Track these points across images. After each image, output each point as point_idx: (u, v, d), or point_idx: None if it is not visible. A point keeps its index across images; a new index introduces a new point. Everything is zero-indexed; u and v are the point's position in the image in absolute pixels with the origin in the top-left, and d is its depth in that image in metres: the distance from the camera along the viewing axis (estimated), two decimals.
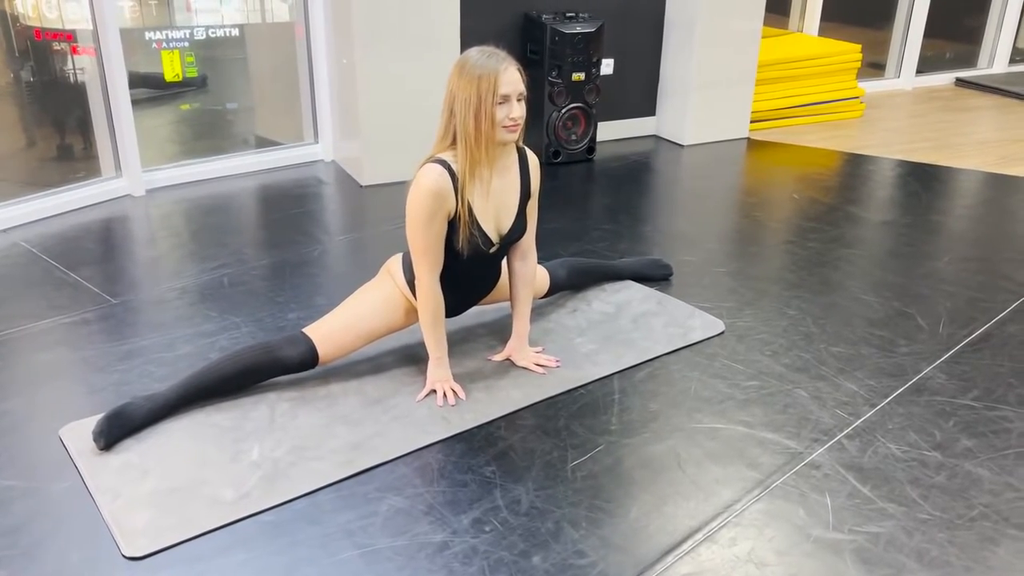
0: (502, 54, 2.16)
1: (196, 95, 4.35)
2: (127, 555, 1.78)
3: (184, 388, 2.23)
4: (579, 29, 4.28)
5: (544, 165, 4.46)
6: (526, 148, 2.38)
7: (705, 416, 2.30)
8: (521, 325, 2.51)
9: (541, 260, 2.78)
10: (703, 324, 2.79)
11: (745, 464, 2.12)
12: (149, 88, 4.68)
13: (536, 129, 4.47)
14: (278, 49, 4.42)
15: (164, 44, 3.99)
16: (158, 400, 2.19)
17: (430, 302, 2.27)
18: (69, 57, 3.78)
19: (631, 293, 2.99)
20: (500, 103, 2.12)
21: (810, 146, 4.94)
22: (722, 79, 4.85)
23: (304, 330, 2.34)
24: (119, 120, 3.74)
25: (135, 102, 3.85)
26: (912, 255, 3.40)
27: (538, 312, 2.82)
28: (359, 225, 3.68)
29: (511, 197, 2.32)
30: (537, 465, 2.09)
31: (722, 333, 2.75)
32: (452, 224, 2.22)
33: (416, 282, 2.27)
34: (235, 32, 4.19)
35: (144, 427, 2.16)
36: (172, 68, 4.06)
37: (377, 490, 2.00)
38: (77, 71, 3.81)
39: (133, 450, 2.10)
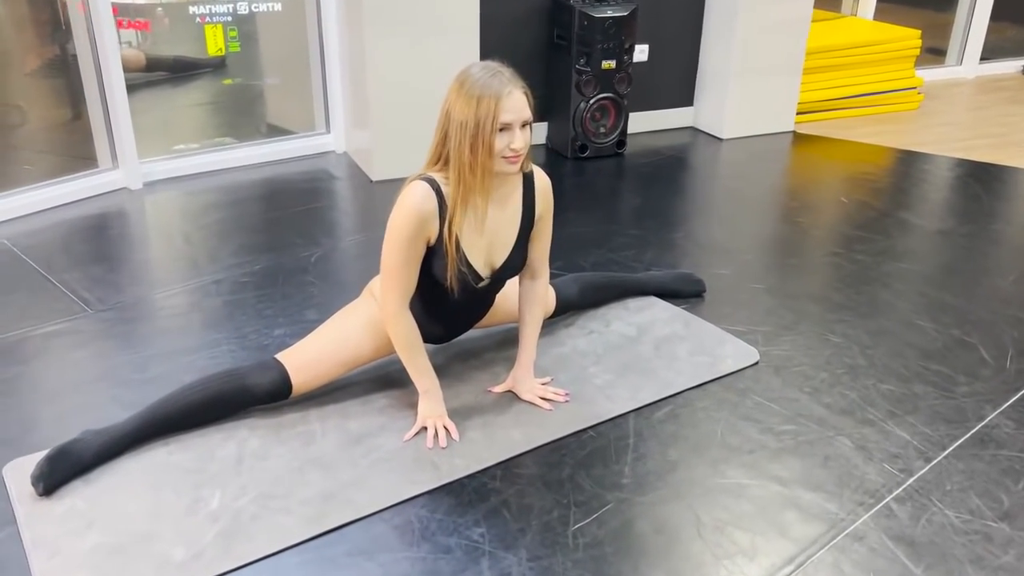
0: (508, 73, 1.88)
1: (237, 71, 4.20)
2: None
3: (142, 421, 1.99)
4: (610, 13, 3.95)
5: (570, 160, 4.18)
6: (535, 169, 2.10)
7: (732, 468, 2.01)
8: (527, 353, 2.23)
9: (552, 273, 2.50)
10: (735, 352, 2.48)
11: (776, 531, 1.83)
12: (167, 71, 4.48)
13: (562, 121, 4.16)
14: (293, 31, 4.16)
15: (208, 18, 3.88)
16: (111, 435, 1.95)
17: (400, 330, 2.02)
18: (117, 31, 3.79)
19: (656, 313, 2.68)
20: (501, 130, 1.85)
21: (861, 141, 4.55)
22: (766, 67, 4.48)
23: (277, 356, 2.08)
24: (114, 107, 3.51)
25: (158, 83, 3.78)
26: (973, 272, 3.04)
27: (550, 332, 2.54)
28: (365, 226, 3.41)
29: (508, 230, 2.06)
30: (534, 527, 1.82)
31: (756, 363, 2.44)
32: (433, 250, 1.96)
33: (381, 306, 2.01)
34: (278, 7, 4.01)
35: (95, 466, 1.93)
36: (215, 42, 3.93)
37: (347, 554, 1.74)
38: (123, 44, 3.75)
39: (81, 494, 1.87)
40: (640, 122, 4.52)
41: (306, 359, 2.07)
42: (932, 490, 1.95)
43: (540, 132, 4.37)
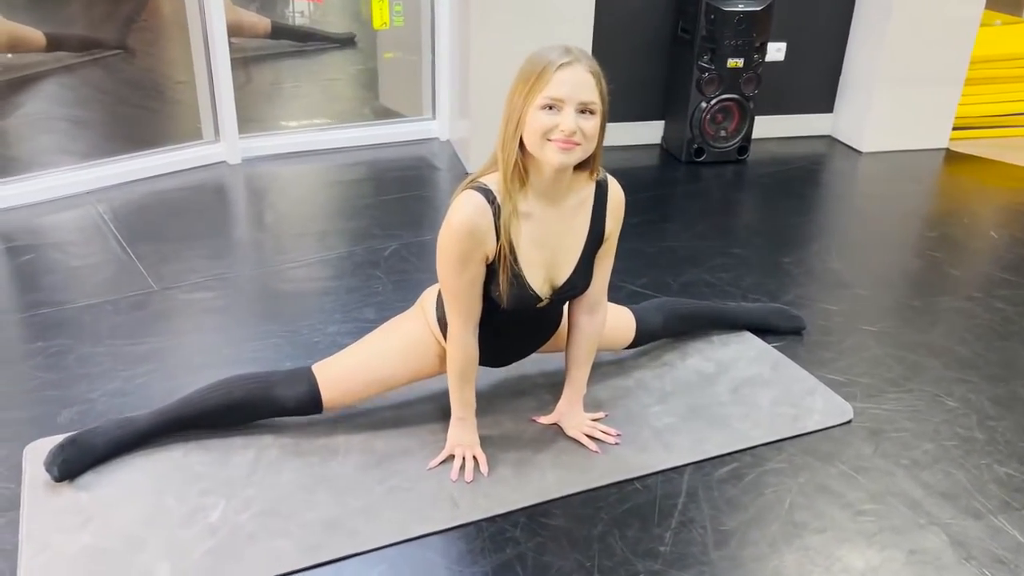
0: (575, 51, 1.61)
1: (367, 47, 4.20)
2: None
3: (161, 419, 1.90)
4: (742, 7, 3.59)
5: (684, 164, 3.87)
6: (609, 178, 1.84)
7: (792, 552, 1.71)
8: (575, 387, 2.00)
9: (622, 302, 2.26)
10: (825, 407, 2.16)
11: None
12: (293, 41, 4.50)
13: (679, 121, 3.85)
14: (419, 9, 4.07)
15: None
16: (128, 428, 1.88)
17: (459, 356, 1.81)
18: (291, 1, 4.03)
19: (742, 349, 2.38)
20: (548, 107, 1.59)
21: None
22: (921, 74, 3.99)
23: (314, 366, 1.94)
24: (218, 81, 3.50)
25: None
26: None
27: (617, 359, 2.30)
28: None
29: (573, 243, 1.79)
30: None
31: (848, 422, 2.11)
32: (492, 269, 1.73)
33: (448, 330, 1.82)
34: None
35: (108, 458, 1.86)
36: (381, 16, 3.91)
37: None
38: (296, 14, 3.99)
39: (87, 487, 1.80)
40: (769, 127, 4.14)
41: (340, 375, 1.91)
42: None
43: (656, 131, 4.07)
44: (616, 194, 1.84)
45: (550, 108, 1.59)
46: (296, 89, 4.31)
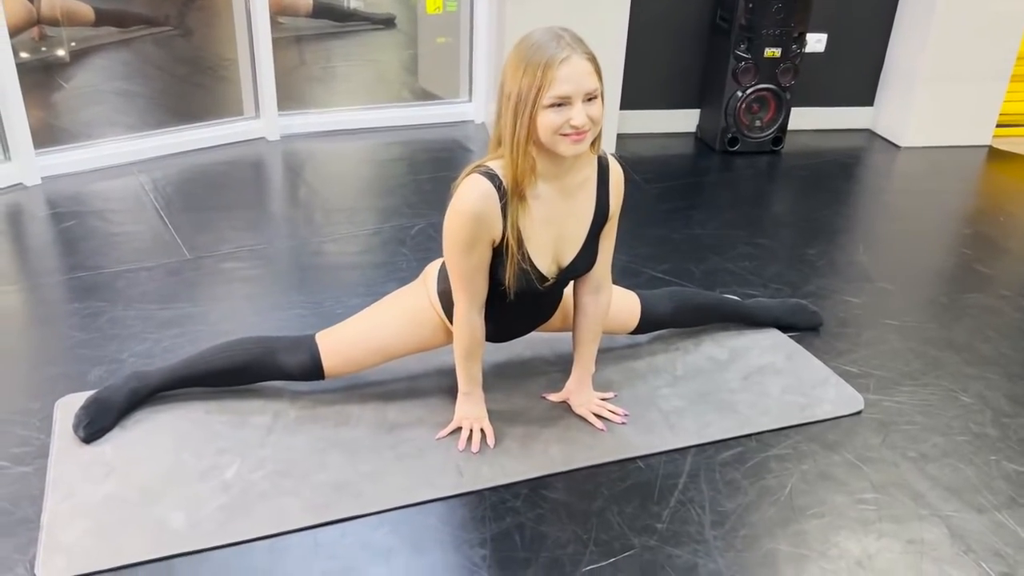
0: (569, 37, 1.62)
1: (435, 30, 4.25)
2: (37, 575, 1.56)
3: (172, 374, 1.98)
4: None
5: (718, 153, 3.86)
6: (609, 156, 1.86)
7: (788, 534, 1.73)
8: (583, 366, 2.03)
9: (642, 287, 2.28)
10: (837, 397, 2.16)
11: None
12: (334, 21, 4.58)
13: (714, 110, 3.84)
14: None
15: None
16: (144, 380, 1.97)
17: (465, 336, 1.86)
18: None
19: (757, 337, 2.39)
20: (556, 105, 1.61)
21: None
22: (966, 69, 3.92)
23: (317, 335, 2.01)
24: (259, 58, 3.59)
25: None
26: None
27: (631, 340, 2.32)
28: None
29: (580, 222, 1.82)
30: (541, 561, 1.65)
31: (858, 413, 2.12)
32: (498, 251, 1.77)
33: (454, 309, 1.86)
34: None
35: (130, 411, 1.95)
36: (434, 1, 3.98)
37: (338, 553, 1.64)
38: None
39: (112, 440, 1.89)
40: (807, 118, 4.10)
41: (341, 343, 1.98)
42: None
43: (691, 120, 4.06)
44: (616, 172, 1.87)
45: (558, 106, 1.61)
46: (335, 69, 4.39)
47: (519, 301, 1.87)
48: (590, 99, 1.63)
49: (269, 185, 3.42)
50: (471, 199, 1.70)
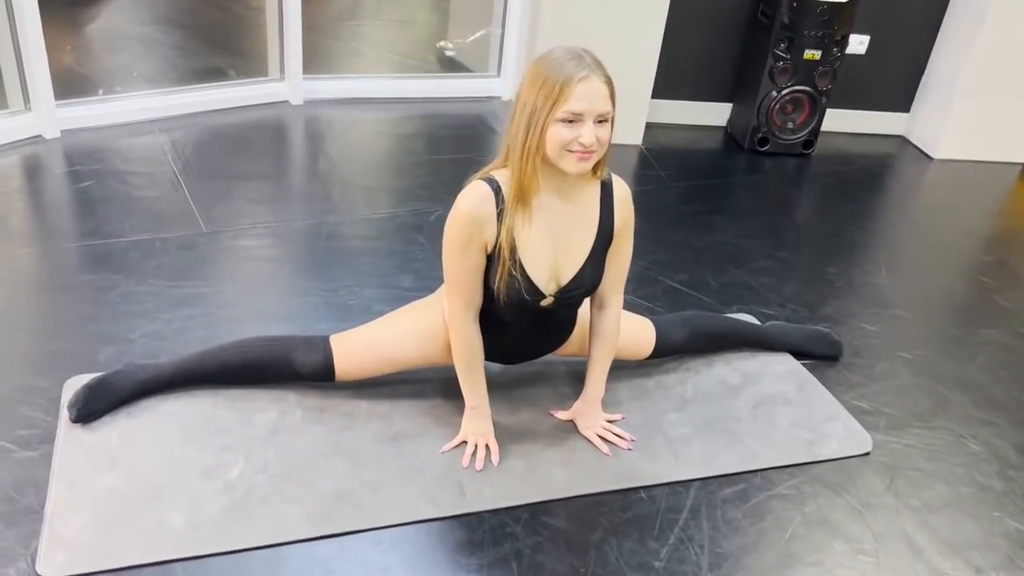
0: (589, 59, 1.63)
1: None
2: (39, 572, 1.58)
3: (183, 369, 1.98)
4: None
5: (746, 152, 3.79)
6: (614, 177, 1.85)
7: None
8: (594, 389, 2.02)
9: (658, 298, 2.26)
10: (845, 434, 2.15)
11: None
12: None
13: (747, 107, 3.76)
14: None
15: None
16: (151, 373, 1.96)
17: (461, 343, 1.86)
18: None
19: (770, 362, 2.37)
20: (568, 121, 1.61)
21: None
22: (1008, 83, 3.81)
23: (331, 337, 2.00)
24: (287, 19, 3.51)
25: None
26: None
27: (641, 366, 2.29)
28: None
29: (580, 240, 1.81)
30: None
31: (866, 455, 2.10)
32: (490, 257, 1.77)
33: (447, 315, 1.85)
34: None
35: (133, 400, 1.95)
36: None
37: (336, 568, 1.65)
38: None
39: (119, 428, 1.89)
40: (839, 120, 4.01)
41: (355, 349, 1.97)
42: None
43: (722, 114, 3.98)
44: (621, 190, 1.86)
45: (570, 122, 1.61)
46: (362, 28, 4.30)
47: (521, 320, 1.86)
48: (601, 121, 1.64)
49: (289, 154, 3.38)
50: (469, 202, 1.73)
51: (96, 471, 1.79)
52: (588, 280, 1.85)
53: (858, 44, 3.85)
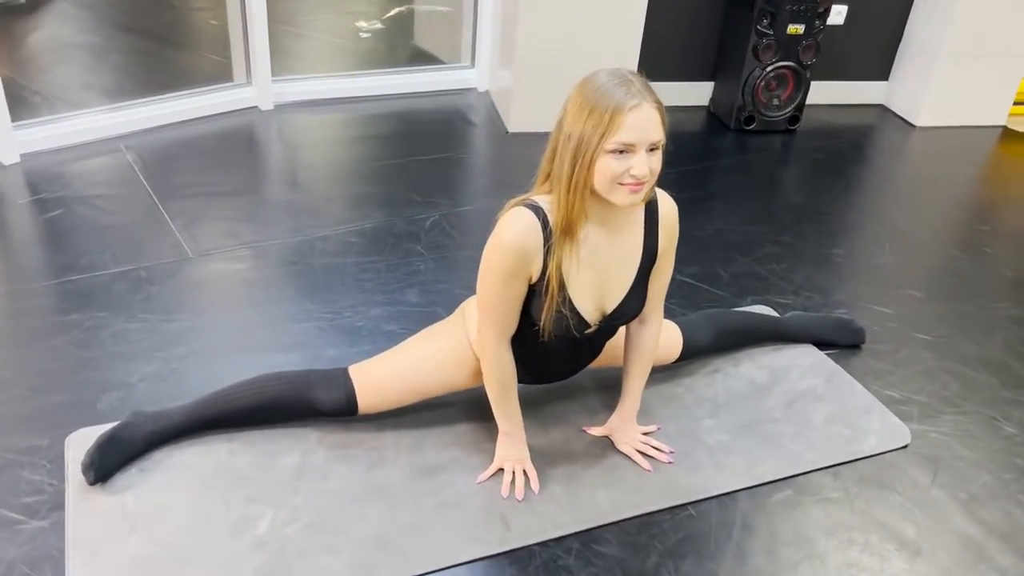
0: (638, 84, 1.51)
1: None
2: None
3: (195, 414, 1.85)
4: None
5: (732, 131, 3.72)
6: (659, 194, 1.75)
7: None
8: (630, 403, 1.94)
9: (672, 295, 2.18)
10: (882, 428, 2.10)
11: None
12: None
13: (731, 85, 3.69)
14: None
15: None
16: (162, 422, 1.83)
17: (496, 370, 1.75)
18: None
19: (795, 357, 2.31)
20: (619, 152, 1.50)
21: None
22: (986, 46, 3.79)
23: (350, 369, 1.88)
24: (252, 22, 3.33)
25: None
26: None
27: (667, 369, 2.22)
28: (491, 190, 3.13)
29: (625, 268, 1.72)
30: None
31: (905, 447, 2.06)
32: (534, 288, 1.66)
33: (479, 343, 1.75)
34: None
35: (145, 453, 1.82)
36: None
37: None
38: None
39: (132, 488, 1.76)
40: (821, 93, 3.96)
41: (377, 381, 1.86)
42: None
43: (704, 93, 3.90)
44: (667, 207, 1.76)
45: (620, 152, 1.50)
46: (324, 24, 4.13)
47: (557, 343, 1.76)
48: (652, 149, 1.53)
49: (267, 165, 3.22)
50: (514, 232, 1.60)
51: (116, 539, 1.65)
52: (633, 308, 1.76)
53: (837, 15, 3.79)
